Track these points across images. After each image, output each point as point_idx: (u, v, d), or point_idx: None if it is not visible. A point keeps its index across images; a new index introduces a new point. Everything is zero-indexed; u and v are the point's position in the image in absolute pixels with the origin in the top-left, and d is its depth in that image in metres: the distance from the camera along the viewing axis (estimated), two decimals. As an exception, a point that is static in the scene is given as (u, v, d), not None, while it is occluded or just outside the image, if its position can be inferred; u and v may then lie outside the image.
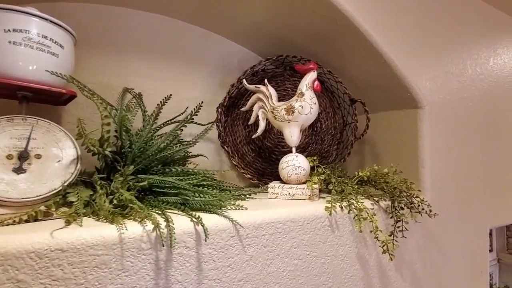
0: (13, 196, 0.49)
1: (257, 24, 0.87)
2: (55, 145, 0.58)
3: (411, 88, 0.80)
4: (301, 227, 0.60)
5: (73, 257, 0.41)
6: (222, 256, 0.51)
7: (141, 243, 0.45)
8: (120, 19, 0.83)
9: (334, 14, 0.70)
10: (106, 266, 0.43)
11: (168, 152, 0.71)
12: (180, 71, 0.91)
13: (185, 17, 0.89)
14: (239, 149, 0.97)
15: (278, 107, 0.76)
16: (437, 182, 0.85)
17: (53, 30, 0.60)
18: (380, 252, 0.68)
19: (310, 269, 0.61)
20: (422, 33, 0.86)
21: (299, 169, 0.72)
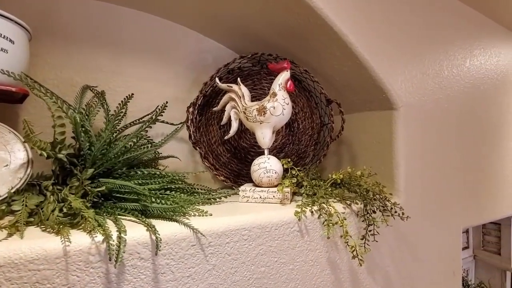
0: None
1: (232, 19, 0.84)
2: (2, 148, 0.53)
3: (386, 90, 0.79)
4: (269, 233, 0.58)
5: (10, 273, 0.38)
6: (182, 266, 0.49)
7: (89, 255, 0.42)
8: (85, 11, 0.78)
9: (307, 12, 0.68)
10: (48, 281, 0.40)
11: (133, 154, 0.67)
12: (152, 67, 0.87)
13: (157, 11, 0.85)
14: (214, 150, 0.94)
15: (250, 107, 0.73)
16: (411, 183, 0.84)
17: (2, 23, 0.55)
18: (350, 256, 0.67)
19: (278, 276, 0.59)
20: (399, 35, 0.85)
21: (270, 172, 0.70)
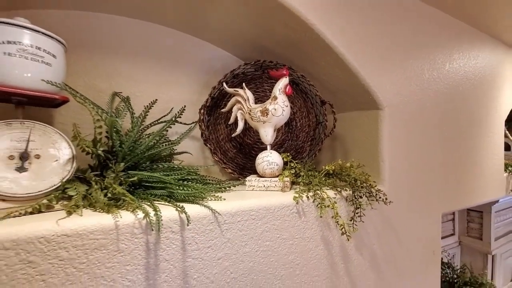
0: (18, 192, 0.56)
1: (238, 32, 0.95)
2: (52, 146, 0.64)
3: (372, 92, 0.91)
4: (272, 214, 0.70)
5: (76, 241, 0.49)
6: (203, 239, 0.61)
7: (134, 228, 0.54)
8: (108, 25, 0.89)
9: (303, 27, 0.79)
10: (104, 248, 0.51)
11: (155, 150, 0.78)
12: (168, 74, 0.98)
13: (172, 24, 0.95)
14: (222, 146, 1.05)
15: (254, 109, 0.85)
16: (395, 174, 0.97)
17: (46, 41, 0.66)
18: (341, 233, 0.79)
19: (280, 249, 0.71)
20: (383, 44, 0.96)
21: (272, 164, 0.82)
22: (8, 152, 0.58)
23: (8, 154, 0.58)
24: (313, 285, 0.77)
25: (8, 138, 0.59)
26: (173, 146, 0.84)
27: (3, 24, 0.61)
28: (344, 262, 0.83)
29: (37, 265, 0.47)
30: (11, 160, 0.58)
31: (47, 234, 0.47)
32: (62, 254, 0.48)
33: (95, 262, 0.51)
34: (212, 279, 0.62)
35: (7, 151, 0.58)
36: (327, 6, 0.83)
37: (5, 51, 0.60)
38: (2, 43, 0.60)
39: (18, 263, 0.46)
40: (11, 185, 0.56)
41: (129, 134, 0.76)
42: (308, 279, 0.76)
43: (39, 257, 0.47)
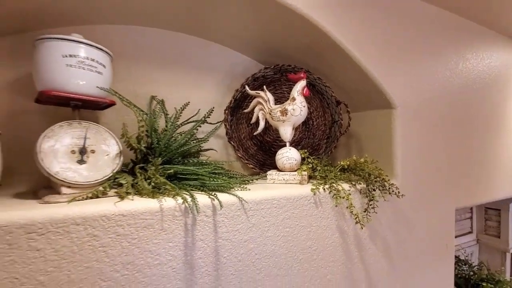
0: (79, 181, 0.67)
1: (259, 39, 1.03)
2: (103, 143, 0.76)
3: (386, 92, 0.96)
4: (292, 203, 0.78)
5: (129, 220, 0.60)
6: (232, 223, 0.70)
7: (175, 211, 0.64)
8: (144, 37, 1.00)
9: (319, 34, 0.87)
10: (151, 227, 0.62)
11: (186, 147, 0.89)
12: (195, 78, 1.08)
13: (199, 33, 1.06)
14: (244, 144, 1.14)
15: (274, 109, 0.93)
16: (408, 169, 1.02)
17: (98, 53, 0.77)
18: (356, 224, 0.86)
19: (299, 235, 0.79)
20: (396, 46, 1.02)
21: (291, 160, 0.90)
22: (71, 148, 0.70)
23: (70, 149, 0.69)
24: (329, 270, 0.84)
25: (70, 136, 0.71)
26: (202, 143, 0.94)
27: (65, 40, 0.72)
28: (359, 250, 0.89)
29: (100, 238, 0.57)
30: (73, 154, 0.70)
31: (107, 213, 0.58)
32: (119, 230, 0.59)
33: (144, 238, 0.61)
34: (240, 258, 0.71)
35: (70, 146, 0.70)
36: (341, 14, 0.90)
37: (67, 63, 0.72)
38: (64, 56, 0.72)
39: (85, 236, 0.56)
40: (74, 175, 0.67)
41: (164, 133, 0.86)
42: (324, 264, 0.83)
43: (101, 232, 0.57)
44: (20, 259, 0.52)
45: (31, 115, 0.85)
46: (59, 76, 0.71)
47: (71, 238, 0.55)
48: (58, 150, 0.67)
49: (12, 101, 0.83)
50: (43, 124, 0.84)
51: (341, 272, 0.86)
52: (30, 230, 0.52)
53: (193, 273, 0.66)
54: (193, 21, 0.99)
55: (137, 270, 0.60)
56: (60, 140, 0.69)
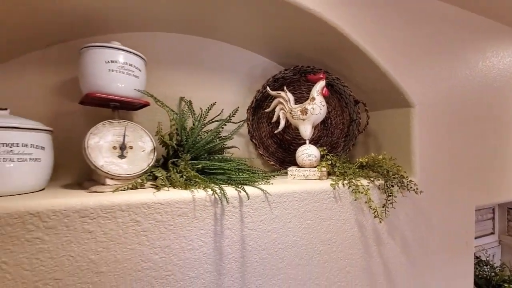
0: (121, 173, 0.75)
1: (278, 42, 1.09)
2: (140, 140, 0.83)
3: (404, 92, 0.99)
4: (312, 197, 0.82)
5: (166, 208, 0.66)
6: (256, 213, 0.75)
7: (205, 202, 0.70)
8: (171, 43, 1.08)
9: (338, 36, 0.91)
10: (185, 215, 0.68)
11: (212, 144, 0.95)
12: (218, 80, 1.15)
13: (222, 38, 1.12)
14: (264, 142, 1.20)
15: (295, 109, 0.98)
16: (426, 167, 1.03)
17: (135, 59, 0.85)
18: (374, 219, 0.89)
19: (319, 227, 0.83)
20: (415, 45, 1.03)
21: (311, 156, 0.94)
22: (112, 144, 0.78)
23: (112, 145, 0.78)
24: (348, 262, 0.87)
25: (112, 133, 0.79)
26: (227, 140, 1.00)
27: (107, 47, 0.81)
28: (377, 245, 0.92)
29: (141, 224, 0.65)
30: (114, 150, 0.77)
31: (148, 201, 0.65)
32: (157, 217, 0.66)
33: (179, 225, 0.68)
34: (264, 247, 0.76)
35: (111, 143, 0.78)
36: (359, 16, 0.93)
37: (109, 68, 0.80)
38: (107, 62, 0.80)
39: (129, 222, 0.64)
40: (116, 168, 0.75)
41: (192, 131, 0.93)
42: (343, 256, 0.87)
43: (142, 218, 0.65)
44: (75, 240, 0.59)
45: (75, 115, 0.94)
46: (102, 80, 0.79)
47: (117, 222, 0.62)
48: (102, 146, 0.76)
49: (59, 103, 0.93)
50: (85, 124, 0.94)
51: (359, 265, 0.89)
52: (84, 214, 0.60)
53: (221, 259, 0.72)
54: (217, 27, 1.06)
55: (173, 254, 0.67)
56: (103, 137, 0.77)
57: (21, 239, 0.56)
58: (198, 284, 0.69)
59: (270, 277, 0.77)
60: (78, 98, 0.91)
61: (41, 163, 0.70)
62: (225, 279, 0.72)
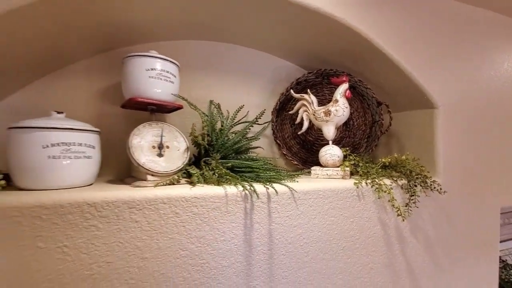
0: (160, 170, 0.83)
1: (301, 46, 1.13)
2: (175, 140, 0.91)
3: (427, 93, 1.00)
4: (336, 195, 0.86)
5: (201, 202, 0.73)
6: (283, 209, 0.80)
7: (236, 197, 0.76)
8: (202, 48, 1.15)
9: (360, 40, 0.94)
10: (218, 209, 0.74)
11: (240, 145, 1.01)
12: (244, 84, 1.21)
13: (247, 44, 1.18)
14: (287, 142, 1.24)
15: (318, 110, 1.02)
16: (451, 167, 1.03)
17: (171, 66, 0.93)
18: (397, 218, 0.91)
19: (342, 224, 0.86)
20: (438, 47, 1.04)
21: (334, 156, 0.98)
22: (151, 143, 0.86)
23: (151, 145, 0.85)
24: (371, 259, 0.90)
25: (150, 134, 0.87)
26: (252, 141, 1.06)
27: (147, 56, 0.89)
28: (400, 243, 0.94)
29: (180, 216, 0.71)
30: (153, 149, 0.85)
31: (186, 195, 0.72)
32: (194, 209, 0.72)
33: (213, 217, 0.74)
34: (290, 241, 0.81)
35: (151, 142, 0.86)
36: (382, 21, 0.96)
37: (149, 75, 0.88)
38: (147, 70, 0.88)
39: (170, 213, 0.71)
40: (155, 165, 0.83)
41: (221, 132, 0.99)
42: (366, 253, 0.89)
43: (181, 210, 0.71)
44: (124, 228, 0.67)
45: (115, 117, 1.04)
46: (143, 86, 0.88)
47: (159, 214, 0.70)
48: (143, 145, 0.84)
49: (102, 106, 1.02)
50: (125, 125, 1.03)
51: (382, 262, 0.92)
52: (131, 205, 0.68)
53: (251, 250, 0.77)
54: (243, 34, 1.12)
55: (208, 244, 0.73)
56: (144, 137, 0.85)
57: (79, 226, 0.64)
58: (230, 272, 0.75)
59: (295, 270, 0.82)
60: (118, 102, 1.01)
61: (92, 160, 0.79)
62: (254, 269, 0.77)
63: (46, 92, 0.94)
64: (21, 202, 0.60)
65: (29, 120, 0.71)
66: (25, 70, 0.87)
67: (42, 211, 0.61)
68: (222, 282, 0.75)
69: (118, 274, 0.66)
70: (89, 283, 0.64)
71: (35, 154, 0.69)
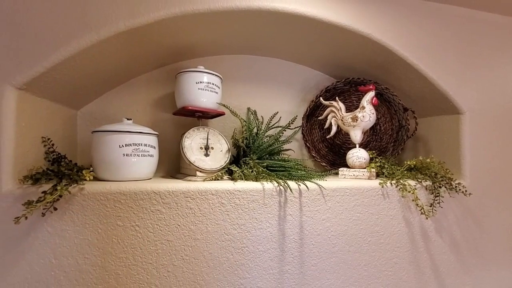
0: (206, 168, 0.98)
1: (330, 57, 1.23)
2: (218, 142, 1.06)
3: (452, 99, 1.05)
4: (362, 193, 0.94)
5: (242, 195, 0.86)
6: (312, 204, 0.91)
7: (272, 192, 0.88)
8: (241, 61, 1.30)
9: (387, 52, 1.02)
10: (257, 201, 0.87)
11: (273, 147, 1.13)
12: (277, 92, 1.33)
13: (281, 56, 1.31)
14: (316, 145, 1.34)
15: (346, 116, 1.11)
16: (477, 170, 1.06)
17: (215, 79, 1.08)
18: (421, 217, 0.97)
19: (368, 220, 0.95)
20: (466, 55, 1.08)
21: (361, 158, 1.06)
22: (199, 145, 1.01)
23: (199, 146, 1.01)
24: (395, 254, 0.97)
25: (199, 137, 1.03)
26: (284, 144, 1.18)
27: (197, 71, 1.05)
28: (424, 241, 1.00)
29: (225, 206, 0.85)
30: (201, 150, 1.01)
31: (230, 188, 0.85)
32: (236, 201, 0.86)
33: (252, 208, 0.87)
34: (318, 232, 0.91)
35: (199, 144, 1.01)
36: (406, 33, 1.03)
37: (198, 87, 1.04)
38: (197, 83, 1.04)
39: (216, 203, 0.85)
40: (203, 164, 0.98)
41: (258, 136, 1.13)
42: (390, 248, 0.97)
43: (226, 201, 0.85)
44: (181, 213, 0.82)
45: (166, 122, 1.21)
46: (193, 96, 1.04)
47: (209, 203, 0.84)
48: (193, 146, 0.99)
49: (156, 113, 1.21)
50: (174, 129, 1.20)
51: (407, 258, 0.98)
52: (187, 195, 0.83)
53: (284, 239, 0.89)
54: (277, 49, 1.25)
55: (247, 231, 0.86)
56: (194, 140, 1.01)
57: (148, 210, 0.80)
58: (266, 257, 0.87)
59: (324, 259, 0.91)
60: (168, 109, 1.19)
61: (153, 158, 0.96)
62: (286, 255, 0.89)
63: (114, 101, 1.14)
64: (106, 189, 0.78)
65: (109, 125, 0.90)
66: (100, 84, 1.08)
67: (121, 197, 0.78)
68: (259, 265, 0.87)
69: (176, 251, 0.81)
70: (154, 257, 0.80)
71: (113, 152, 0.87)
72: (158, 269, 0.80)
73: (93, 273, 0.76)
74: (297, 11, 0.94)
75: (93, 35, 0.80)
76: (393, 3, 1.05)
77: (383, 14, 1.03)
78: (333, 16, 0.97)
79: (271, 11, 0.94)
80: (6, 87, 0.73)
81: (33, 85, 0.78)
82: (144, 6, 0.84)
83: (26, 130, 0.79)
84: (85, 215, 0.76)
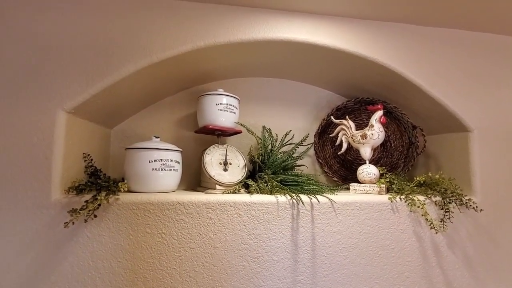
0: (225, 181, 1.06)
1: (341, 78, 1.32)
2: (235, 158, 1.15)
3: (460, 118, 1.09)
4: (371, 207, 0.99)
5: (258, 207, 0.93)
6: (324, 217, 0.96)
7: (286, 204, 0.95)
8: (256, 83, 1.41)
9: (393, 75, 1.09)
10: (271, 213, 0.94)
11: (287, 163, 1.21)
12: (290, 111, 1.42)
13: (294, 78, 1.41)
14: (328, 161, 1.40)
15: (356, 134, 1.17)
16: (488, 187, 1.08)
17: (233, 100, 1.19)
18: (432, 232, 1.00)
19: (378, 234, 0.99)
20: (468, 75, 1.13)
21: (371, 174, 1.11)
22: (219, 160, 1.10)
23: (219, 161, 1.10)
24: (407, 268, 0.99)
25: (218, 153, 1.12)
26: (298, 160, 1.25)
27: (217, 94, 1.16)
28: (436, 256, 1.01)
29: (242, 217, 0.93)
30: (220, 165, 1.10)
31: (247, 201, 0.93)
32: (252, 212, 0.93)
33: (266, 220, 0.93)
34: (330, 244, 0.96)
35: (218, 160, 1.10)
36: (412, 57, 1.10)
37: (218, 108, 1.15)
38: (217, 104, 1.15)
39: (234, 214, 0.92)
40: (222, 177, 1.07)
41: (272, 153, 1.21)
42: (402, 262, 0.99)
43: (243, 212, 0.93)
44: (202, 223, 0.90)
45: (187, 140, 1.32)
46: (213, 116, 1.14)
47: (227, 214, 0.92)
48: (213, 162, 1.09)
49: (180, 131, 1.32)
50: (194, 146, 1.31)
51: (419, 272, 1.00)
52: (208, 206, 0.91)
53: (296, 250, 0.94)
54: (291, 71, 1.35)
55: (262, 240, 0.93)
56: (213, 155, 1.10)
57: (173, 219, 0.89)
58: (279, 266, 0.93)
59: (335, 270, 0.96)
60: (190, 127, 1.30)
61: (177, 172, 1.06)
62: (299, 265, 0.94)
63: (143, 120, 1.27)
64: (137, 200, 0.88)
65: (140, 143, 1.01)
66: (132, 106, 1.21)
67: (150, 207, 0.88)
68: (273, 274, 0.93)
69: (197, 258, 0.89)
70: (178, 262, 0.88)
71: (144, 167, 0.97)
72: (181, 274, 0.88)
73: (124, 275, 0.85)
74: (308, 41, 1.04)
75: (131, 67, 0.93)
76: (399, 28, 1.13)
77: (388, 39, 1.11)
78: (341, 44, 1.07)
79: (284, 41, 1.04)
80: (59, 111, 0.87)
81: (80, 109, 0.91)
82: (173, 40, 0.97)
83: (72, 148, 0.92)
84: (119, 222, 0.86)
